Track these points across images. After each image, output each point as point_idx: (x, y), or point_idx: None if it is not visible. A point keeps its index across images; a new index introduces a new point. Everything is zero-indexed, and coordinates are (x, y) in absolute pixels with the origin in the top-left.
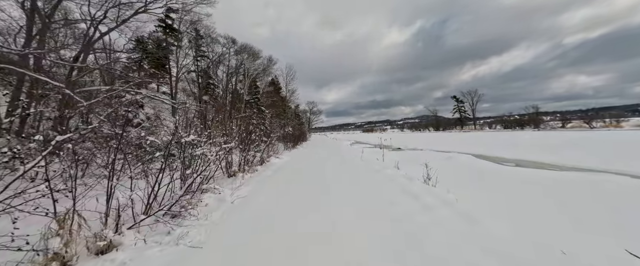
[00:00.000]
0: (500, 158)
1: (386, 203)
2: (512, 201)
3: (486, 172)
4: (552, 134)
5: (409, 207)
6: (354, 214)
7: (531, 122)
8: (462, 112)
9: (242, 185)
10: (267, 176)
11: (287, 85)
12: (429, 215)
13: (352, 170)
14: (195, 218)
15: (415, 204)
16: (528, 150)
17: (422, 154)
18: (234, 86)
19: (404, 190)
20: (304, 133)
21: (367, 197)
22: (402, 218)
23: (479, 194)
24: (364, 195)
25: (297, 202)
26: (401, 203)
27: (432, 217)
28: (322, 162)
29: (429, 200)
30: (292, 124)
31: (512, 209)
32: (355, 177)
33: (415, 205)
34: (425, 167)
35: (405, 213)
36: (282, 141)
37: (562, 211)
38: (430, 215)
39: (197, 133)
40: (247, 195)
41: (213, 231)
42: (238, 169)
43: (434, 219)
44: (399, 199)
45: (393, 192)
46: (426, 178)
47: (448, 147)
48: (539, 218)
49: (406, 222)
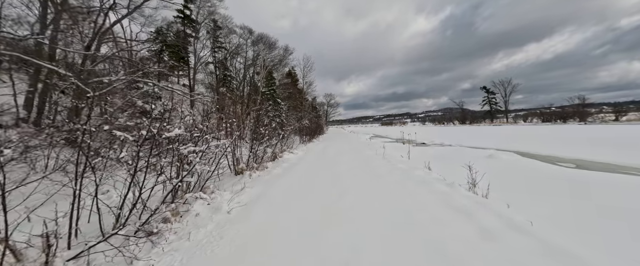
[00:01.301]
0: (552, 157)
1: (426, 223)
2: (609, 223)
3: (544, 176)
4: (606, 128)
5: (461, 232)
6: (380, 241)
7: (576, 114)
8: (492, 104)
9: (247, 186)
10: (276, 175)
11: (305, 77)
12: (497, 250)
13: (374, 170)
14: (176, 236)
15: (468, 227)
16: (583, 146)
17: (453, 151)
18: (251, 77)
19: (446, 202)
20: (321, 126)
21: (397, 210)
22: (458, 254)
23: (551, 210)
24: (393, 208)
25: (305, 217)
26: (447, 223)
27: (503, 254)
28: (338, 159)
29: (488, 220)
30: (309, 117)
31: (619, 237)
32: (378, 180)
33: (468, 228)
34: (468, 169)
35: (460, 246)
36: (298, 134)
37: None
38: (498, 250)
39: (190, 127)
40: (249, 202)
41: (189, 263)
42: (246, 166)
43: (508, 258)
44: (442, 216)
45: (431, 203)
46: (471, 184)
47: (481, 143)
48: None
49: (468, 262)
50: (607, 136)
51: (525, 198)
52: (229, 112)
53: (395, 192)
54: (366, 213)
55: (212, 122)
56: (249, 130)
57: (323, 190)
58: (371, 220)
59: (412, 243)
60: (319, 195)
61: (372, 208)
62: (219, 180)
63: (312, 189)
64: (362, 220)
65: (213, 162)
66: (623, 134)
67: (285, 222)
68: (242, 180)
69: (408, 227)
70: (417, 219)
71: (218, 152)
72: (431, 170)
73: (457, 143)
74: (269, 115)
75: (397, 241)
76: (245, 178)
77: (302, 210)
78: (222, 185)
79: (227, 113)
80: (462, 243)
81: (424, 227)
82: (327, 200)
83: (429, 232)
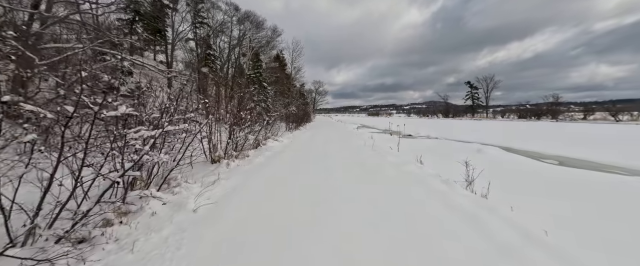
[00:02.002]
0: (535, 153)
1: (431, 233)
2: (621, 229)
3: (533, 174)
4: (576, 126)
5: (474, 246)
6: (382, 255)
7: (549, 112)
8: (475, 98)
9: (221, 177)
10: (258, 165)
11: (293, 62)
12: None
13: (363, 163)
14: (116, 245)
15: (480, 239)
16: (560, 143)
17: (440, 144)
18: (237, 58)
19: (447, 205)
20: (308, 114)
21: (396, 217)
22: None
23: (553, 212)
24: (392, 215)
25: (287, 221)
26: (455, 234)
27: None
28: (326, 149)
29: (496, 227)
30: (297, 104)
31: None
32: (369, 174)
33: (480, 241)
34: (464, 165)
35: None
36: (284, 121)
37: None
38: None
39: (166, 108)
40: (222, 197)
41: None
42: (224, 154)
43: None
44: (446, 223)
45: (431, 206)
46: (468, 182)
47: (465, 136)
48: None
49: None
50: (579, 133)
51: (523, 199)
52: (212, 94)
53: (392, 193)
54: (358, 219)
55: (191, 104)
56: (230, 114)
57: (309, 185)
58: (368, 232)
59: (420, 263)
60: (304, 192)
61: (365, 211)
62: (192, 169)
63: (296, 183)
64: (358, 231)
65: (181, 149)
66: (592, 132)
67: (263, 226)
68: (218, 169)
69: (412, 241)
70: (420, 229)
71: (186, 137)
72: (423, 164)
73: (442, 137)
74: (254, 100)
75: (401, 260)
76: (221, 167)
77: (284, 210)
78: (194, 175)
79: (208, 95)
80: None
81: (429, 239)
82: (313, 198)
83: (437, 247)
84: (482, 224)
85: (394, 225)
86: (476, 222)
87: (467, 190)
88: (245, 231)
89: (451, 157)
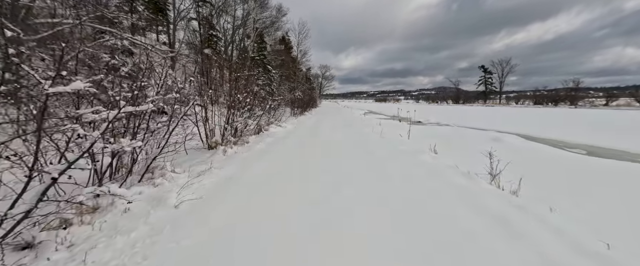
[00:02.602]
0: (557, 142)
1: (457, 238)
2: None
3: (562, 165)
4: (598, 113)
5: (512, 262)
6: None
7: (567, 98)
8: (488, 84)
9: (214, 166)
10: (257, 153)
11: (299, 45)
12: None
13: (372, 152)
14: (68, 253)
15: (523, 251)
16: (583, 131)
17: (453, 132)
18: (241, 40)
19: (474, 206)
20: (314, 99)
21: (417, 221)
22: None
23: (601, 215)
24: (411, 218)
25: (285, 222)
26: (491, 247)
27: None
28: (332, 136)
29: (536, 234)
30: (302, 88)
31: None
32: (379, 166)
33: (527, 255)
34: (487, 156)
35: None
36: (290, 106)
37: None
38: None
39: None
40: (210, 191)
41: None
42: (221, 140)
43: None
44: (479, 233)
45: (450, 203)
46: (492, 176)
47: (478, 124)
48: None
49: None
50: (602, 120)
51: (558, 196)
52: (216, 76)
53: (406, 187)
54: (375, 226)
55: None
56: (227, 97)
57: (311, 178)
58: (384, 241)
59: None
60: (306, 186)
61: (382, 216)
62: (187, 155)
63: (298, 175)
64: (372, 238)
65: (165, 135)
66: (616, 119)
67: (254, 229)
68: (214, 157)
69: (434, 253)
70: (442, 236)
71: (174, 121)
72: (437, 153)
73: (454, 123)
74: (258, 84)
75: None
76: (217, 154)
77: (281, 210)
78: (187, 162)
79: (213, 78)
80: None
81: (456, 251)
82: (316, 194)
83: (469, 257)
84: (518, 230)
85: (411, 233)
86: (510, 228)
87: (493, 185)
88: (233, 234)
89: (467, 145)
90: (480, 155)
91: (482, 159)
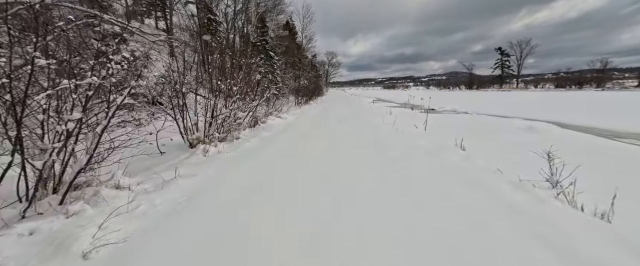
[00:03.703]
0: (602, 131)
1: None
2: None
3: (627, 161)
4: (632, 95)
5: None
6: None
7: (593, 80)
8: (505, 67)
9: (181, 175)
10: (245, 152)
11: (304, 30)
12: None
13: (385, 149)
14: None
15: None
16: (629, 117)
17: (473, 120)
18: (243, 25)
19: (550, 245)
20: (320, 87)
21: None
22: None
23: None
24: (450, 259)
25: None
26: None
27: None
28: (338, 129)
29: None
30: (308, 76)
31: None
32: (395, 169)
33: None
34: (547, 158)
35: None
36: (294, 94)
37: None
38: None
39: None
40: (149, 225)
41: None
42: (203, 136)
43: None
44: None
45: (517, 246)
46: (556, 186)
47: (499, 110)
48: None
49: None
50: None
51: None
52: (215, 63)
53: (439, 213)
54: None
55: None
56: (214, 83)
57: (307, 192)
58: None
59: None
60: (297, 210)
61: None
62: (161, 156)
63: (289, 189)
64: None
65: (104, 132)
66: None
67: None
68: (191, 159)
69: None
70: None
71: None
72: (465, 150)
73: (473, 111)
74: (260, 71)
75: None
76: (196, 155)
77: (259, 254)
78: (155, 167)
79: (214, 67)
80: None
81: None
82: (313, 220)
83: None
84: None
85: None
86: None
87: (562, 201)
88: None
89: (497, 137)
90: (517, 149)
91: (521, 155)
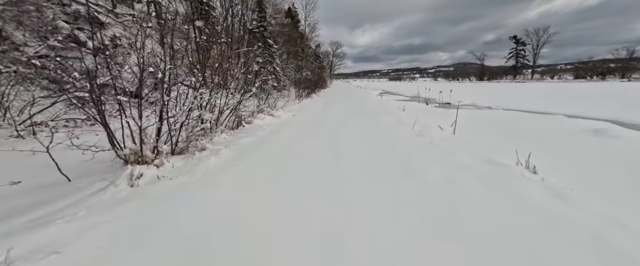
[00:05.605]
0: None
1: None
2: None
3: None
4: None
5: None
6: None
7: (618, 69)
8: (521, 56)
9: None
10: (201, 177)
11: (307, 17)
12: None
13: (414, 171)
14: None
15: None
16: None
17: (507, 119)
18: (242, 12)
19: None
20: (324, 79)
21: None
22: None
23: None
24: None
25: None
26: None
27: None
28: (341, 132)
29: None
30: (311, 67)
31: None
32: (438, 214)
33: None
34: None
35: None
36: (295, 86)
37: None
38: None
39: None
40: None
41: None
42: (152, 152)
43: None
44: None
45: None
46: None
47: (527, 104)
48: None
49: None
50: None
51: None
52: (210, 51)
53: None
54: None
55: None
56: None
57: (300, 245)
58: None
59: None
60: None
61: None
62: (68, 183)
63: (270, 237)
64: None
65: None
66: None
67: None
68: (101, 195)
69: None
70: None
71: None
72: (537, 173)
73: (497, 105)
74: (258, 62)
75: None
76: (114, 186)
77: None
78: (31, 212)
79: (210, 55)
80: None
81: None
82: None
83: None
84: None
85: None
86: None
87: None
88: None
89: (561, 146)
90: (615, 169)
91: (620, 178)
